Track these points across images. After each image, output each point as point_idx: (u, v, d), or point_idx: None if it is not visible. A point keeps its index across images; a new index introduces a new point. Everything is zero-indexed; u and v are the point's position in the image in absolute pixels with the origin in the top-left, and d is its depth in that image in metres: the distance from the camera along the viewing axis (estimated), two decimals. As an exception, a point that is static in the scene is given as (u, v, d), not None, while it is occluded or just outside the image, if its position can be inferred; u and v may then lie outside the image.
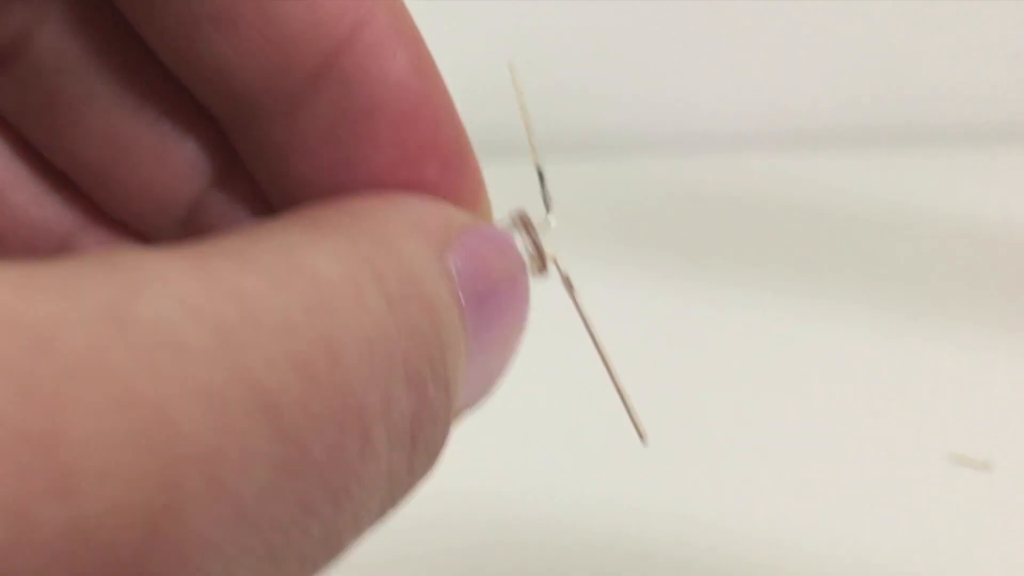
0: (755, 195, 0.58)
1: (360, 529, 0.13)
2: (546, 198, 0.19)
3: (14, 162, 0.17)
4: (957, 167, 0.59)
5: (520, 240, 0.18)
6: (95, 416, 0.09)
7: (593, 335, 0.18)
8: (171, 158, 0.17)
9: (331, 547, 0.12)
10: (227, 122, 0.16)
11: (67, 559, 0.09)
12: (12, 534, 0.09)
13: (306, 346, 0.11)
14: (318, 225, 0.13)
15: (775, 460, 0.38)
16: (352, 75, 0.15)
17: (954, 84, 0.63)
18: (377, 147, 0.16)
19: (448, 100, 0.16)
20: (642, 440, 0.18)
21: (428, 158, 0.16)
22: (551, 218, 0.18)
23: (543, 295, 0.18)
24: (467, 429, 0.17)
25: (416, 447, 0.13)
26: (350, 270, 0.12)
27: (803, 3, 0.60)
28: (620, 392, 0.18)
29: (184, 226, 0.18)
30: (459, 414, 0.16)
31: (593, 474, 0.36)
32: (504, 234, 0.17)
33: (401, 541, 0.34)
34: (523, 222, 0.18)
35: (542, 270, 0.18)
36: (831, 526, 0.35)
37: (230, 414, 0.10)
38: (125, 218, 0.18)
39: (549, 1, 0.59)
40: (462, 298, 0.15)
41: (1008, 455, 0.38)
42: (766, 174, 0.59)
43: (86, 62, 0.16)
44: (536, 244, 0.18)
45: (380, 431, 0.12)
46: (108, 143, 0.17)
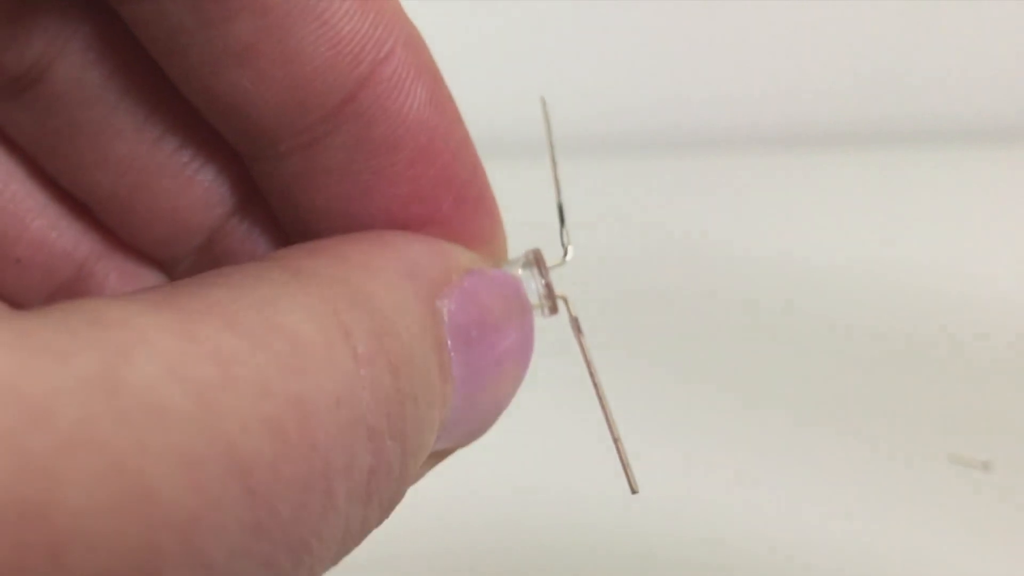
0: (758, 194, 0.58)
1: None
2: (564, 236, 0.19)
3: (34, 190, 0.18)
4: (956, 167, 0.59)
5: (533, 279, 0.18)
6: (85, 488, 0.10)
7: (595, 382, 0.18)
8: (190, 188, 0.17)
9: None
10: (246, 154, 0.17)
11: None
12: None
13: (279, 408, 0.12)
14: (300, 276, 0.14)
15: (774, 461, 0.39)
16: (369, 111, 0.15)
17: (953, 84, 0.63)
18: (393, 182, 0.16)
19: (465, 135, 0.17)
20: (632, 491, 0.18)
21: (443, 193, 0.16)
22: (570, 250, 0.19)
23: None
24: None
25: (371, 502, 0.13)
26: (323, 328, 0.13)
27: (804, 4, 0.61)
28: (616, 442, 0.18)
29: (202, 254, 0.18)
30: (446, 453, 0.17)
31: (589, 475, 0.36)
32: (509, 278, 0.17)
33: (401, 541, 0.34)
34: (536, 262, 0.18)
35: (553, 311, 0.18)
36: (831, 526, 0.35)
37: (207, 481, 0.11)
38: (143, 246, 0.18)
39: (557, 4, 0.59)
40: (450, 344, 0.15)
41: (1008, 455, 0.38)
42: (770, 173, 0.60)
43: (106, 92, 0.17)
44: (548, 285, 0.18)
45: (341, 488, 0.13)
46: (127, 173, 0.17)
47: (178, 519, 0.11)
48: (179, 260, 0.18)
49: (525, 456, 0.38)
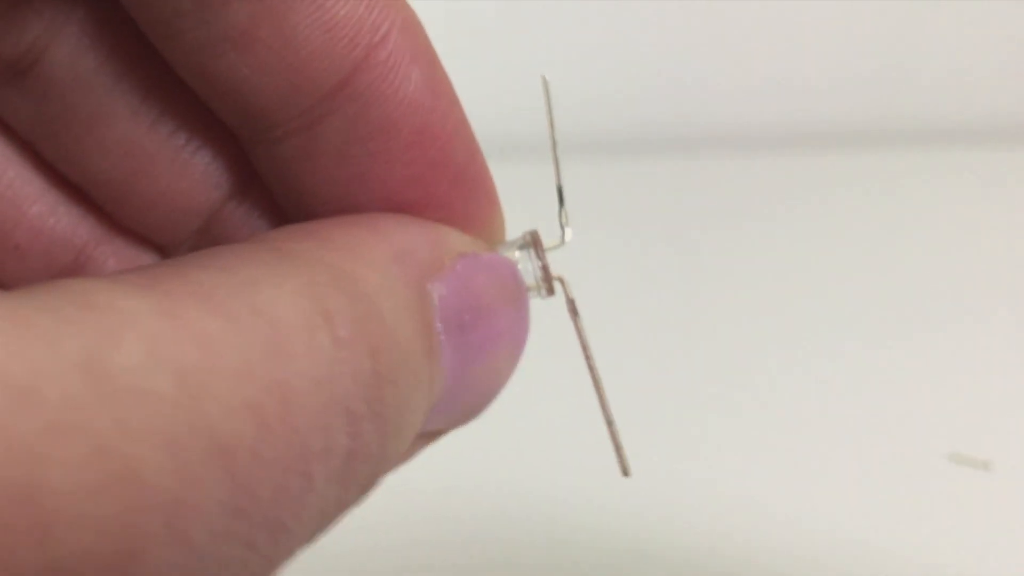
0: (759, 194, 0.58)
1: (290, 556, 0.13)
2: (563, 217, 0.19)
3: (32, 176, 0.18)
4: (959, 167, 0.59)
5: (531, 260, 0.18)
6: (69, 469, 0.10)
7: (591, 365, 0.18)
8: (188, 171, 0.18)
9: (264, 574, 0.13)
10: (243, 137, 0.17)
11: None
12: None
13: (261, 391, 0.12)
14: (285, 258, 0.14)
15: (775, 459, 0.39)
16: (365, 95, 0.16)
17: (954, 85, 0.63)
18: (389, 165, 0.16)
19: (462, 118, 0.17)
20: (625, 474, 0.18)
21: (440, 176, 0.17)
22: (568, 231, 0.19)
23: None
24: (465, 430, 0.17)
25: (348, 484, 0.13)
26: (305, 312, 0.13)
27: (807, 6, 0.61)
28: (609, 425, 0.18)
29: (200, 237, 0.18)
30: (439, 433, 0.17)
31: (586, 471, 0.36)
32: (503, 261, 0.17)
33: (396, 520, 0.34)
34: (533, 243, 0.18)
35: (550, 293, 0.18)
36: (832, 525, 0.35)
37: (189, 463, 0.11)
38: (141, 230, 0.18)
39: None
40: (439, 328, 0.15)
41: (1008, 455, 0.38)
42: (771, 173, 0.60)
43: (102, 76, 0.17)
44: (544, 267, 0.18)
45: (319, 471, 0.13)
46: (124, 156, 0.17)
47: (161, 501, 0.11)
48: (178, 244, 0.18)
49: (519, 437, 0.38)
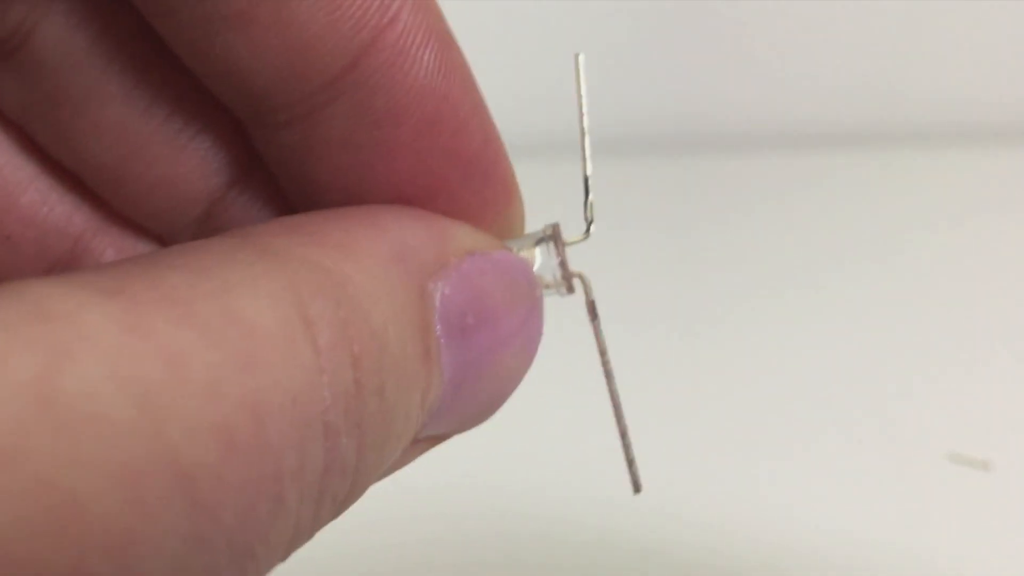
0: (760, 194, 0.58)
1: None
2: (588, 208, 0.18)
3: (23, 162, 0.17)
4: (960, 167, 0.59)
5: (550, 256, 0.17)
6: (11, 503, 0.10)
7: (607, 371, 0.18)
8: (186, 156, 0.17)
9: None
10: (246, 122, 0.16)
11: None
12: None
13: (230, 411, 0.11)
14: (267, 256, 0.13)
15: (774, 458, 0.38)
16: (372, 80, 0.15)
17: (955, 85, 0.63)
18: (396, 154, 0.15)
19: (478, 104, 0.16)
20: (636, 491, 0.18)
21: (451, 165, 0.16)
22: (592, 228, 0.18)
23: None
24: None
25: (323, 500, 0.13)
26: (283, 318, 0.12)
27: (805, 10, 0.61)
28: (623, 438, 0.18)
29: (201, 226, 0.17)
30: (441, 438, 0.16)
31: (589, 471, 0.36)
32: (515, 260, 0.16)
33: (400, 529, 0.34)
34: (554, 237, 0.17)
35: (569, 291, 0.17)
36: (831, 524, 0.35)
37: (145, 494, 0.10)
38: (139, 218, 0.17)
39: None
40: (440, 329, 0.14)
41: (1007, 455, 0.38)
42: (772, 173, 0.60)
43: (94, 56, 0.16)
44: (563, 263, 0.17)
45: (292, 490, 0.12)
46: (118, 140, 0.16)
47: (110, 538, 0.10)
48: (178, 233, 0.18)
49: (526, 443, 0.37)
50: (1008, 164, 0.59)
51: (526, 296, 0.16)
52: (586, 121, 0.18)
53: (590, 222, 0.18)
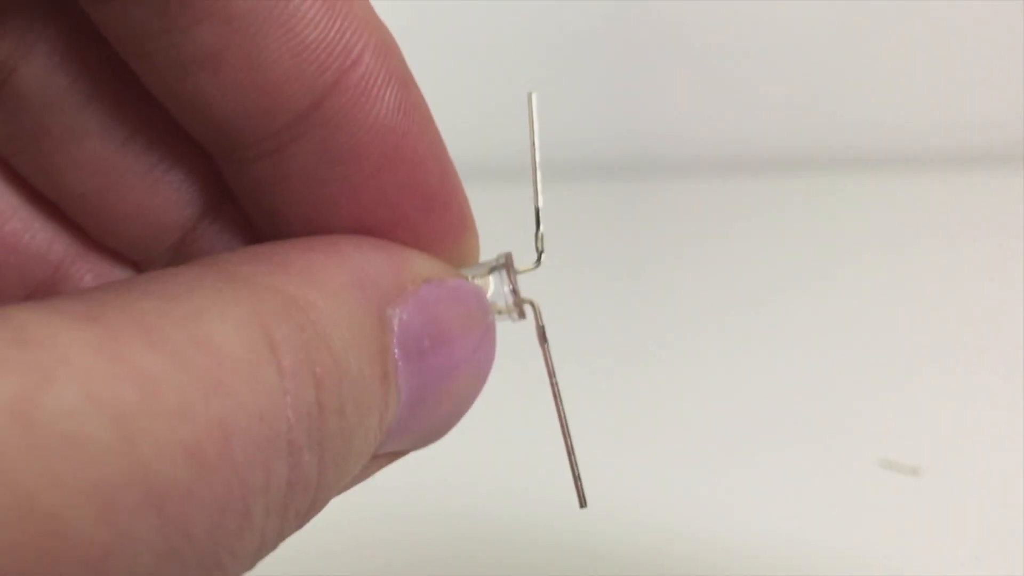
0: (707, 218, 0.59)
1: None
2: (539, 239, 0.19)
3: (6, 192, 0.18)
4: (899, 191, 0.61)
5: (504, 283, 0.18)
6: None
7: (555, 392, 0.18)
8: (160, 188, 0.17)
9: None
10: (216, 156, 0.17)
11: None
12: None
13: (199, 431, 0.12)
14: (234, 283, 0.13)
15: (713, 468, 0.40)
16: (336, 119, 0.15)
17: (932, 109, 0.65)
18: (358, 187, 0.16)
19: (436, 141, 0.16)
20: (581, 505, 0.18)
21: (410, 199, 0.16)
22: (543, 258, 0.18)
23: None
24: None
25: (287, 514, 0.13)
26: (249, 342, 0.13)
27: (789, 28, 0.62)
28: (569, 455, 0.18)
29: (175, 254, 0.18)
30: (399, 454, 0.17)
31: (538, 486, 0.36)
32: (468, 287, 0.17)
33: (353, 551, 0.34)
34: (506, 266, 0.18)
35: (520, 316, 0.18)
36: (769, 528, 0.36)
37: (120, 512, 0.11)
38: (116, 246, 0.18)
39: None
40: (398, 353, 0.15)
41: (936, 460, 0.39)
42: (720, 197, 0.61)
43: (73, 94, 0.16)
44: (515, 291, 0.18)
45: (258, 505, 0.13)
46: (95, 173, 0.17)
47: (88, 554, 0.11)
48: (153, 260, 0.18)
49: (478, 463, 0.38)
50: (933, 187, 0.61)
51: (479, 321, 0.17)
52: (538, 156, 0.18)
53: (541, 252, 0.18)
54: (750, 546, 0.35)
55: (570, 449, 0.18)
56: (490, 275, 0.18)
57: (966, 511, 0.37)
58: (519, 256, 0.18)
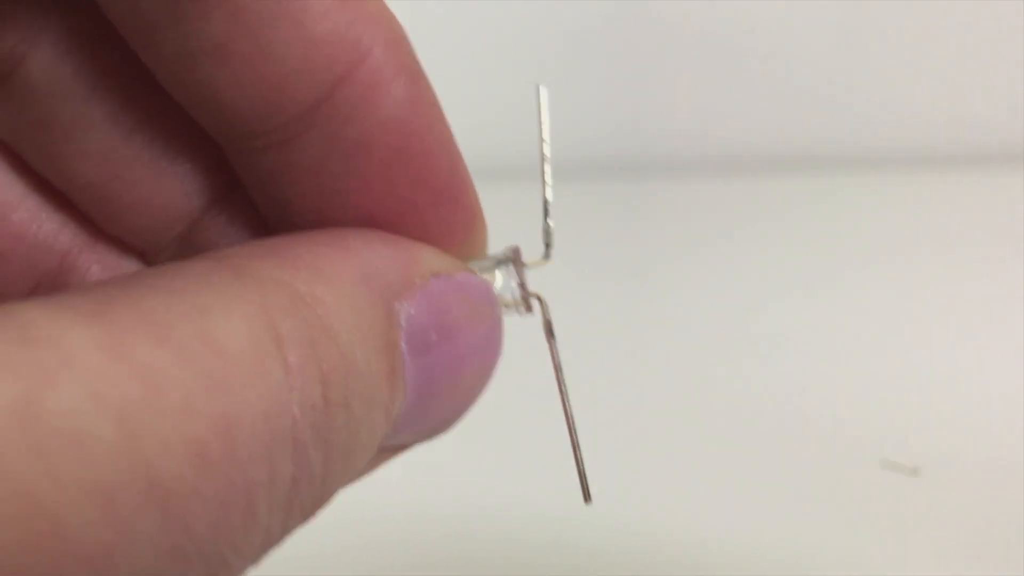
0: (714, 216, 0.59)
1: None
2: (547, 232, 0.19)
3: (13, 182, 0.17)
4: (904, 189, 0.61)
5: (511, 276, 0.18)
6: None
7: (562, 388, 0.18)
8: (167, 178, 0.17)
9: None
10: (225, 146, 0.17)
11: None
12: None
13: (203, 428, 0.12)
14: (241, 278, 0.13)
15: (712, 464, 0.40)
16: (345, 111, 0.15)
17: (935, 109, 0.65)
18: (367, 180, 0.16)
19: (446, 135, 0.16)
20: (586, 500, 0.18)
21: (418, 193, 0.16)
22: (551, 252, 0.18)
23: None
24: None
25: (292, 509, 0.13)
26: (255, 337, 0.13)
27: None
28: (575, 450, 0.18)
29: (182, 243, 0.18)
30: (404, 447, 0.17)
31: (543, 480, 0.36)
32: (476, 282, 0.17)
33: (362, 543, 0.34)
34: (514, 260, 0.18)
35: (528, 311, 0.18)
36: (766, 531, 0.36)
37: (123, 510, 0.11)
38: (123, 236, 0.18)
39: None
40: (405, 347, 0.15)
41: (936, 460, 0.39)
42: (728, 196, 0.61)
43: (81, 84, 0.16)
44: (522, 285, 0.18)
45: (262, 501, 0.13)
46: (104, 163, 0.17)
47: (90, 553, 0.11)
48: (160, 250, 0.18)
49: (483, 457, 0.38)
50: (933, 187, 0.61)
51: (487, 316, 0.17)
52: (547, 149, 0.18)
53: (549, 246, 0.18)
54: (750, 546, 0.35)
55: (575, 444, 0.18)
56: (497, 269, 0.18)
57: (966, 511, 0.37)
58: (525, 249, 0.18)
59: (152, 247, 0.18)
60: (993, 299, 0.50)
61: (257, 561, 0.13)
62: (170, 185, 0.17)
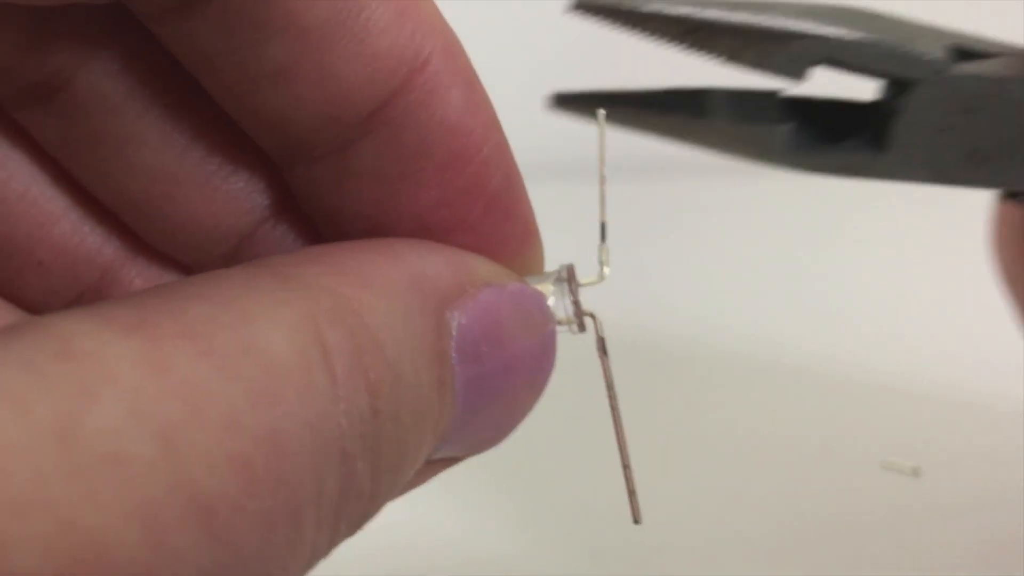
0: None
1: None
2: (603, 253, 0.19)
3: (57, 194, 0.17)
4: (904, 189, 0.61)
5: (565, 294, 0.18)
6: (33, 553, 0.10)
7: (613, 405, 0.18)
8: (219, 195, 0.17)
9: None
10: (279, 160, 0.16)
11: None
12: None
13: (247, 443, 0.11)
14: (288, 285, 0.13)
15: (710, 468, 0.40)
16: (402, 118, 0.15)
17: None
18: (422, 188, 0.16)
19: (501, 143, 0.16)
20: (635, 521, 0.18)
21: (473, 201, 0.16)
22: (606, 269, 0.18)
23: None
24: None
25: (339, 524, 0.13)
26: (301, 347, 0.12)
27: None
28: (625, 469, 0.18)
29: (229, 260, 0.18)
30: (454, 460, 0.17)
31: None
32: (530, 292, 0.17)
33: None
34: (568, 278, 0.18)
35: (581, 329, 0.18)
36: (766, 531, 0.36)
37: (166, 530, 0.11)
38: (169, 251, 0.18)
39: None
40: (455, 357, 0.15)
41: (936, 460, 0.40)
42: (730, 196, 0.61)
43: (131, 103, 0.16)
44: (576, 303, 0.18)
45: (309, 516, 0.12)
46: (154, 180, 0.17)
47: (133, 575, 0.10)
48: (206, 265, 0.18)
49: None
50: (933, 187, 0.61)
51: (540, 329, 0.16)
52: (605, 170, 0.18)
53: (604, 265, 0.18)
54: (750, 546, 0.35)
55: (626, 463, 0.18)
56: (551, 286, 0.18)
57: (966, 511, 0.37)
58: (574, 255, 0.18)
59: (198, 262, 0.18)
60: (995, 298, 0.51)
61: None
62: (221, 203, 0.17)
